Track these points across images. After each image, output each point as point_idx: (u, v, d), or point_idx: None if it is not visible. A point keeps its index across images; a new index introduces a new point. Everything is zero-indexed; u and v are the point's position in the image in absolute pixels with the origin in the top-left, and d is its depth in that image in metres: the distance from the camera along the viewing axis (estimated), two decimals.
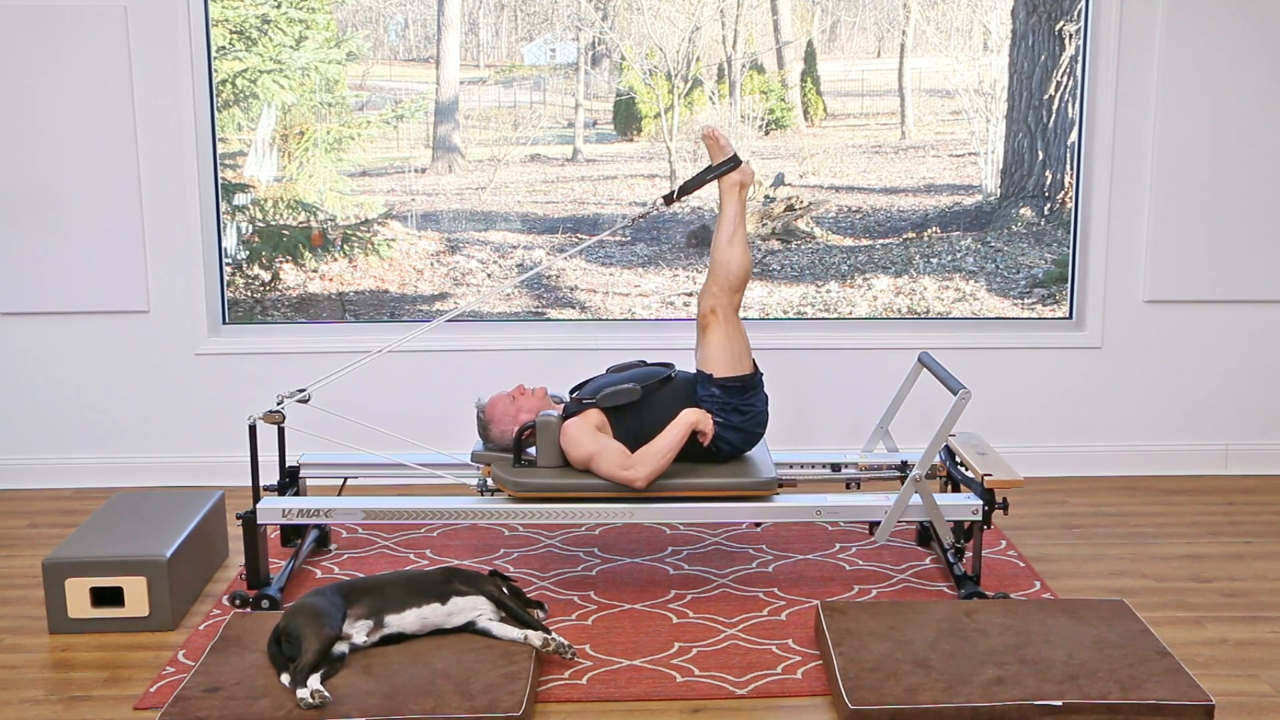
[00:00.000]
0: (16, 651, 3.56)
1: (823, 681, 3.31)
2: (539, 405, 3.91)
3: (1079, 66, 4.96)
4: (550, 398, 3.97)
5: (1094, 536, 4.46)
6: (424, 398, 4.98)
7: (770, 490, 3.76)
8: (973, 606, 3.58)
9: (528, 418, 3.86)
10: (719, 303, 3.83)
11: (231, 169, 4.98)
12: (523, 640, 3.35)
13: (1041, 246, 5.12)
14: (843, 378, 5.05)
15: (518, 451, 3.82)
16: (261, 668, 3.23)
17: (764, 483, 3.75)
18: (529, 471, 3.78)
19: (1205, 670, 3.39)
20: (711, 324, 3.83)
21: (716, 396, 3.82)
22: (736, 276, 3.84)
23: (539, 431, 3.79)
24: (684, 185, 4.02)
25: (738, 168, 3.92)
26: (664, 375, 3.90)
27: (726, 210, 3.91)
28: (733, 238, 3.86)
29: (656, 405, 3.83)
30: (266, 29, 4.91)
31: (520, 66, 5.04)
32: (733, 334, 3.83)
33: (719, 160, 3.93)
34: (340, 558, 4.24)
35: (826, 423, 5.06)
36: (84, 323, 4.96)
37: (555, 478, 3.76)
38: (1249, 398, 5.13)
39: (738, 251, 3.85)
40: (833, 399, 5.06)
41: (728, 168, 3.92)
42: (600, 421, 3.81)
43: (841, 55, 5.09)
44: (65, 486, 5.03)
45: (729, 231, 3.87)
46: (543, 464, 3.80)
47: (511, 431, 3.86)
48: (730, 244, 3.86)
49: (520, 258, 5.08)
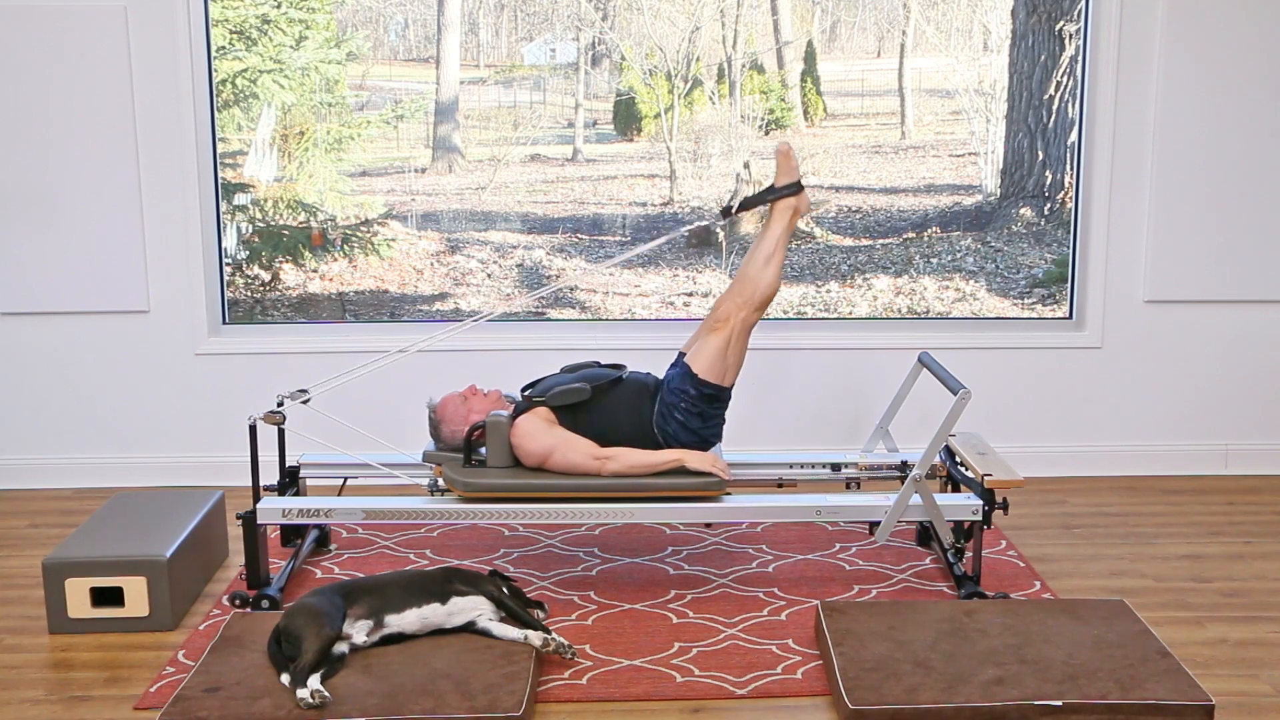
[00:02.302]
0: (16, 651, 3.56)
1: (823, 681, 3.31)
2: (491, 406, 3.93)
3: (1079, 66, 4.96)
4: (505, 399, 3.99)
5: (1094, 536, 4.46)
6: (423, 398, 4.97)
7: (719, 491, 3.77)
8: (973, 606, 3.58)
9: (478, 418, 3.87)
10: (735, 314, 3.82)
11: (231, 169, 4.98)
12: (523, 640, 3.35)
13: (1041, 246, 5.12)
14: (843, 378, 5.05)
15: (468, 452, 3.83)
16: (261, 668, 3.23)
17: (712, 483, 3.76)
18: (479, 472, 3.79)
19: (1205, 670, 3.39)
20: (719, 330, 3.82)
21: (689, 395, 3.82)
22: (763, 296, 3.84)
23: (489, 431, 3.80)
24: (744, 201, 3.99)
25: (799, 194, 3.91)
26: (614, 376, 3.91)
27: (772, 230, 3.88)
28: (770, 258, 3.85)
29: (606, 405, 3.84)
30: (266, 29, 4.91)
31: (520, 66, 5.04)
32: (735, 347, 3.83)
33: (785, 182, 3.90)
34: (340, 558, 4.24)
35: (826, 423, 5.06)
36: (84, 323, 4.96)
37: (505, 478, 3.77)
38: (1249, 398, 5.13)
39: (771, 272, 3.84)
40: (833, 399, 5.06)
41: (790, 192, 3.90)
42: (550, 419, 3.83)
43: (841, 55, 5.09)
44: (65, 486, 5.03)
45: (768, 251, 3.86)
46: (493, 464, 3.81)
47: (462, 432, 3.87)
48: (766, 264, 3.84)
49: (521, 258, 5.08)
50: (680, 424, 3.82)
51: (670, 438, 3.83)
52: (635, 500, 3.76)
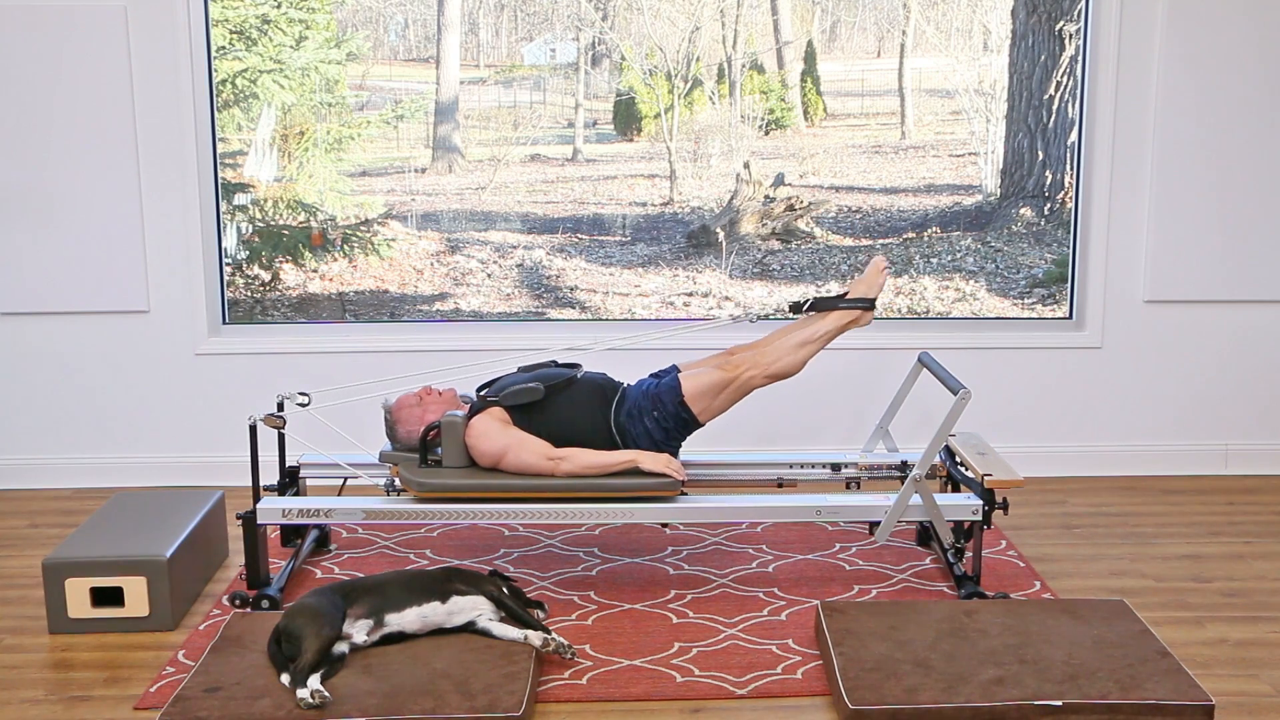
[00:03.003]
0: (16, 651, 3.56)
1: (823, 681, 3.31)
2: (446, 406, 3.94)
3: (1079, 66, 4.96)
4: (460, 399, 3.99)
5: (1094, 536, 4.46)
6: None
7: (673, 491, 3.77)
8: (973, 606, 3.58)
9: (433, 418, 3.88)
10: (746, 371, 3.82)
11: (231, 169, 4.98)
12: (523, 640, 3.35)
13: (1041, 246, 5.12)
14: (843, 378, 5.05)
15: (423, 452, 3.83)
16: (261, 668, 3.23)
17: (666, 484, 3.75)
18: (434, 472, 3.79)
19: (1205, 670, 3.39)
20: (726, 372, 3.83)
21: (666, 408, 3.82)
22: (780, 371, 3.85)
23: (444, 431, 3.80)
24: (816, 301, 3.97)
25: (868, 312, 3.93)
26: (569, 376, 3.92)
27: (824, 326, 3.89)
28: (806, 345, 3.86)
29: (560, 405, 3.85)
30: (266, 29, 4.91)
31: (520, 66, 5.04)
32: (728, 395, 3.84)
33: (861, 295, 3.92)
34: (340, 558, 4.24)
35: (826, 423, 5.06)
36: (84, 323, 4.96)
37: (460, 478, 3.77)
38: (1249, 398, 5.13)
39: (800, 358, 3.86)
40: (833, 399, 5.06)
41: (862, 307, 3.91)
42: (505, 419, 3.83)
43: (841, 55, 5.09)
44: (65, 486, 5.03)
45: (807, 338, 3.87)
46: (448, 464, 3.81)
47: (417, 432, 3.88)
48: (800, 348, 3.86)
49: (521, 258, 5.08)
50: (647, 429, 3.82)
51: (631, 438, 3.83)
52: (590, 501, 3.76)
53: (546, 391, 3.84)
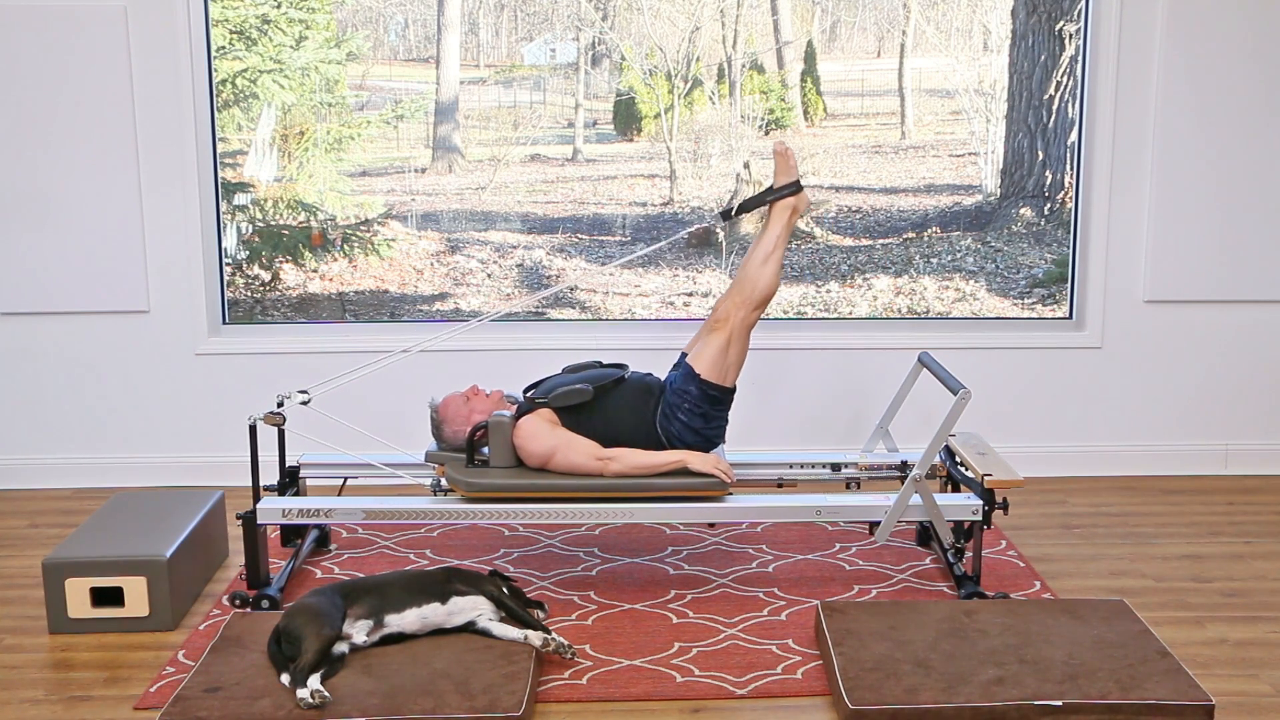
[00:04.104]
0: (16, 651, 3.56)
1: (823, 681, 3.31)
2: (493, 406, 3.93)
3: (1079, 66, 4.96)
4: (506, 399, 3.99)
5: (1094, 536, 4.46)
6: (423, 398, 4.98)
7: (721, 491, 3.77)
8: (973, 606, 3.58)
9: (480, 418, 3.87)
10: (734, 314, 3.83)
11: (231, 169, 4.98)
12: (523, 640, 3.35)
13: (1041, 246, 5.12)
14: (843, 378, 5.05)
15: (470, 452, 3.83)
16: (261, 668, 3.23)
17: (714, 484, 3.76)
18: (482, 471, 3.79)
19: (1205, 670, 3.39)
20: (719, 330, 3.83)
21: (692, 395, 3.82)
22: (761, 295, 3.85)
23: (491, 431, 3.80)
24: (743, 203, 4.00)
25: (798, 193, 3.92)
26: (617, 376, 3.91)
27: (771, 229, 3.90)
28: (769, 257, 3.86)
29: (608, 406, 3.85)
30: (266, 29, 4.91)
31: (520, 66, 5.04)
32: (735, 346, 3.84)
33: (784, 182, 3.92)
34: (340, 558, 4.24)
35: (826, 423, 5.06)
36: (84, 323, 4.96)
37: (508, 478, 3.77)
38: (1249, 398, 5.13)
39: (769, 271, 3.85)
40: (833, 399, 5.06)
41: (789, 192, 3.91)
42: (553, 420, 3.83)
43: (841, 55, 5.09)
44: (65, 486, 5.03)
45: (767, 250, 3.87)
46: (495, 464, 3.81)
47: (464, 432, 3.88)
48: (765, 263, 3.85)
49: (521, 258, 5.08)
50: (684, 424, 3.82)
51: (674, 438, 3.84)
52: (637, 500, 3.77)
53: (595, 392, 3.84)
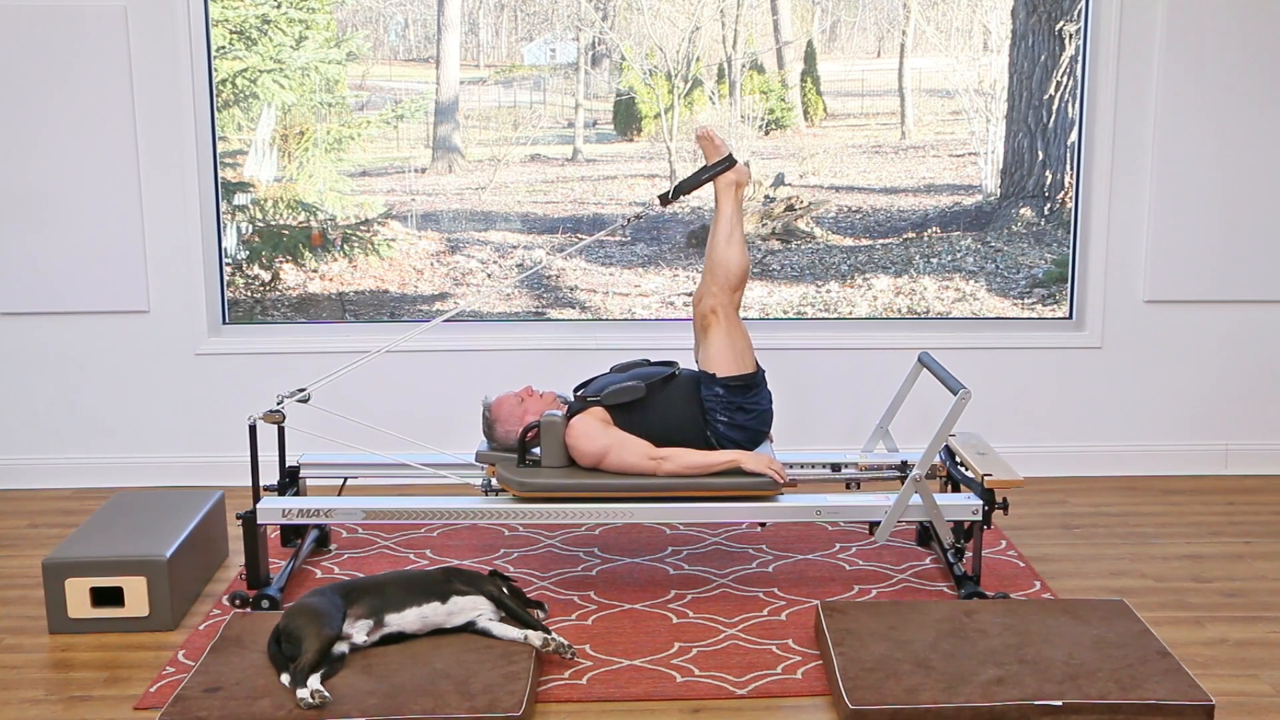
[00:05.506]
0: (16, 651, 3.56)
1: (823, 681, 3.31)
2: (545, 407, 3.92)
3: (1079, 66, 4.96)
4: (559, 400, 3.98)
5: (1094, 536, 4.46)
6: (424, 398, 4.98)
7: (773, 491, 3.77)
8: (973, 606, 3.58)
9: (533, 418, 3.86)
10: (719, 302, 3.83)
11: (231, 169, 4.98)
12: (523, 640, 3.35)
13: (1041, 246, 5.12)
14: (843, 378, 5.05)
15: (522, 452, 3.83)
16: (261, 668, 3.23)
17: (766, 483, 3.76)
18: (534, 471, 3.78)
19: (1205, 670, 3.39)
20: (712, 324, 3.83)
21: (720, 396, 3.82)
22: (735, 275, 3.85)
23: (544, 431, 3.79)
24: (679, 185, 4.02)
25: (733, 167, 3.92)
26: (667, 373, 3.90)
27: (723, 210, 3.91)
28: (730, 237, 3.86)
29: (660, 403, 3.84)
30: (266, 29, 4.91)
31: (520, 66, 5.04)
32: (734, 333, 3.84)
33: (714, 160, 3.93)
34: (340, 558, 4.24)
35: (826, 423, 5.06)
36: (84, 323, 4.96)
37: (560, 478, 3.77)
38: (1249, 398, 5.13)
39: (735, 250, 3.85)
40: (833, 399, 5.06)
41: (723, 167, 3.92)
42: (605, 419, 3.82)
43: (841, 55, 5.09)
44: (65, 486, 5.03)
45: (726, 231, 3.88)
46: (547, 464, 3.80)
47: (516, 432, 3.87)
48: (728, 243, 3.86)
49: (520, 257, 5.08)
50: (726, 423, 3.83)
51: (721, 438, 3.84)
52: (690, 500, 3.76)
53: (646, 390, 3.84)
